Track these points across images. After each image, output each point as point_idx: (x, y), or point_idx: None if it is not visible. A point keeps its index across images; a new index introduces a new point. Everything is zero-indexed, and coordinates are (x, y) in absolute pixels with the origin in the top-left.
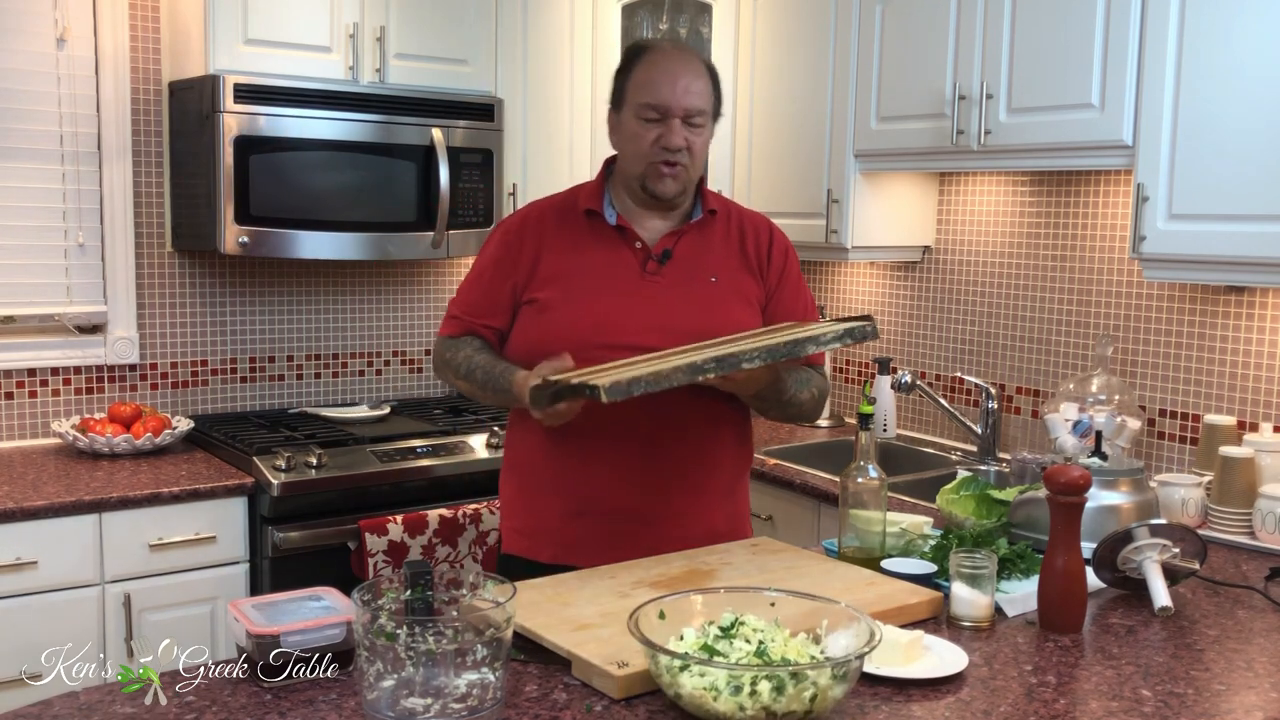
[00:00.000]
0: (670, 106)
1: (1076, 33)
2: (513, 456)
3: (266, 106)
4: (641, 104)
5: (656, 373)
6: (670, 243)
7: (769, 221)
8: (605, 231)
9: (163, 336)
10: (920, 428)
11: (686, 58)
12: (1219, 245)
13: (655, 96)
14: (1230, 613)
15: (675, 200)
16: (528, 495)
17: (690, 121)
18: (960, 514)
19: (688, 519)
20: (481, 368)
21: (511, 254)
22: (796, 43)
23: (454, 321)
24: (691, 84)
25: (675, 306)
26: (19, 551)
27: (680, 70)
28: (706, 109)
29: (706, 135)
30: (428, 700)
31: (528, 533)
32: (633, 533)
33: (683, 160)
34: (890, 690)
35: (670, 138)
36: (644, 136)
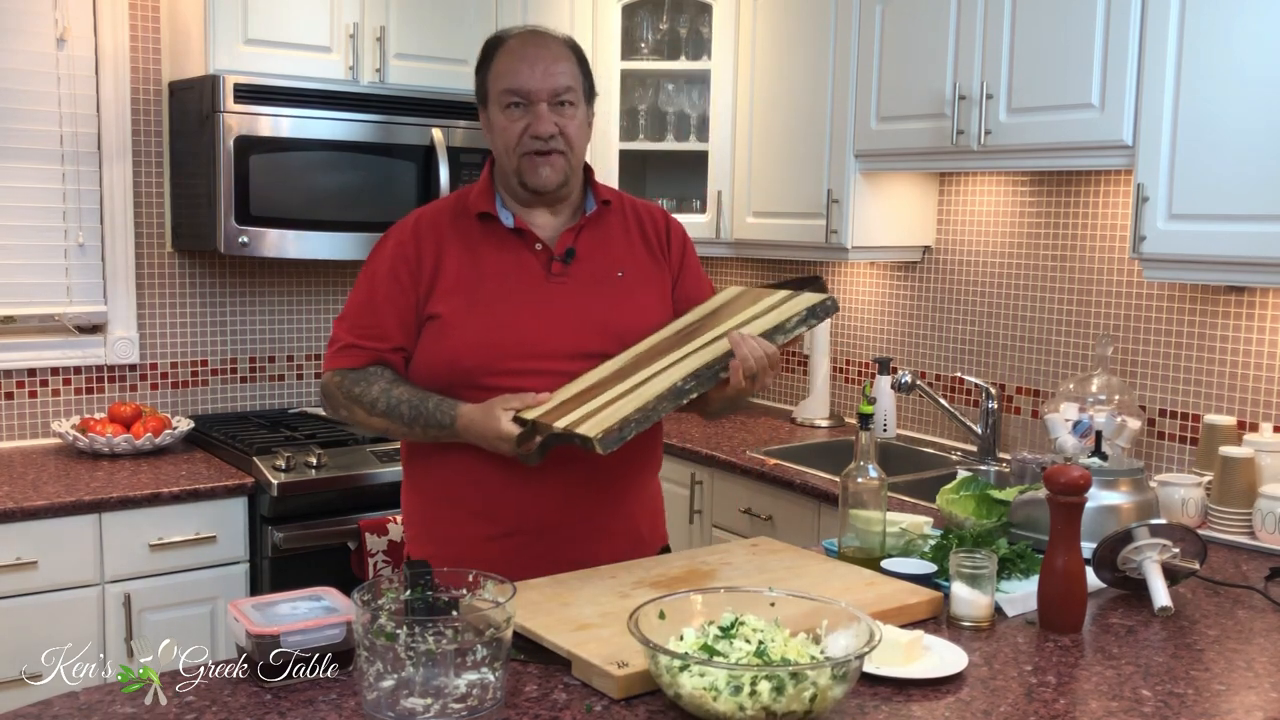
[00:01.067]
0: (532, 90)
1: (1076, 33)
2: (416, 476)
3: (266, 106)
4: (502, 91)
5: (643, 408)
6: (570, 240)
7: (663, 209)
8: (502, 235)
9: (163, 336)
10: (920, 428)
11: (543, 40)
12: (1219, 245)
13: (515, 82)
14: (1230, 613)
15: (557, 191)
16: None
17: (558, 103)
18: (960, 514)
19: (614, 530)
20: (407, 402)
21: (409, 265)
22: (796, 43)
23: (353, 352)
24: (552, 65)
25: (586, 307)
26: (19, 551)
27: (538, 54)
28: (574, 86)
29: (581, 118)
30: (428, 700)
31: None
32: (554, 548)
33: (557, 146)
34: (890, 690)
35: (538, 125)
36: (511, 128)
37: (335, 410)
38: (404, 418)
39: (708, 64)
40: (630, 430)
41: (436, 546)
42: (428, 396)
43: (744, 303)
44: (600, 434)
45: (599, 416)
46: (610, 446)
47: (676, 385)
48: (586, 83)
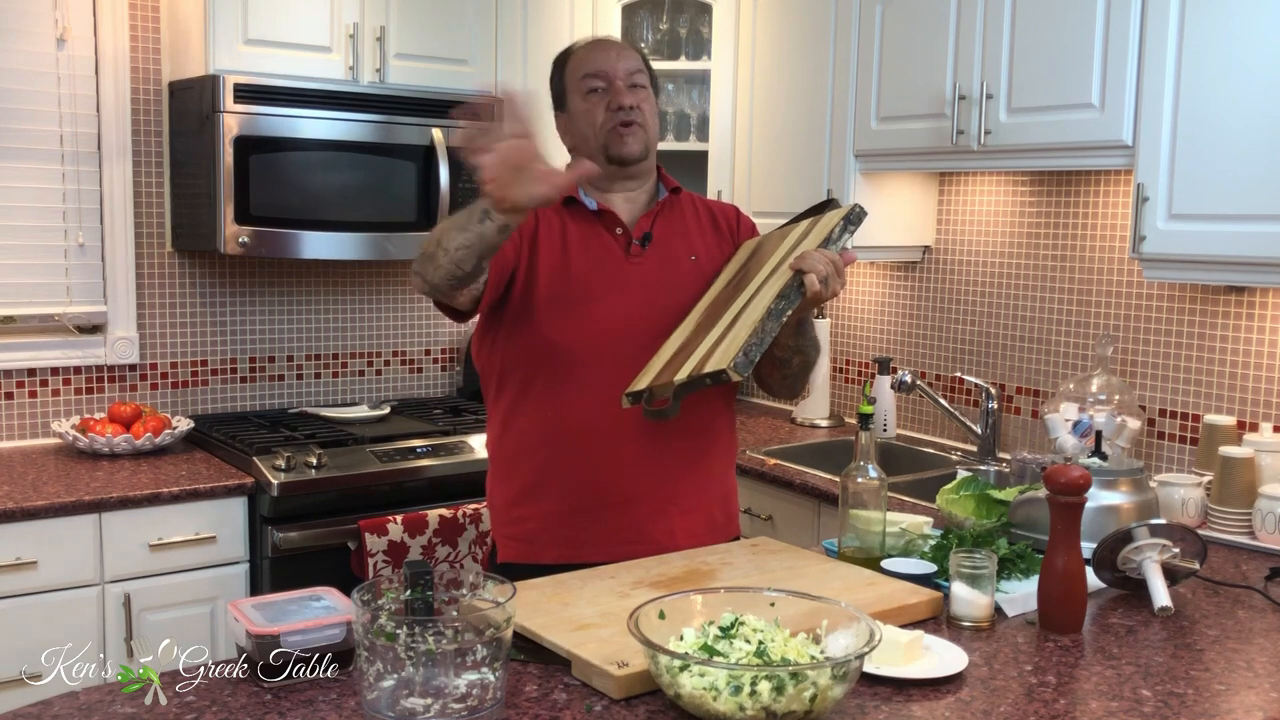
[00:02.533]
0: (610, 70)
1: (1076, 33)
2: (500, 458)
3: (266, 106)
4: (583, 77)
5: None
6: (647, 225)
7: (736, 208)
8: (586, 218)
9: (163, 336)
10: (920, 428)
11: (611, 38)
12: (1219, 245)
13: (593, 66)
14: (1230, 613)
15: (639, 164)
16: (522, 498)
17: (633, 82)
18: (960, 514)
19: (689, 509)
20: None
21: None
22: (796, 43)
23: None
24: (624, 51)
25: (662, 288)
26: (19, 551)
27: (613, 43)
28: (644, 71)
29: (652, 100)
30: (428, 700)
31: (525, 538)
32: (638, 521)
33: (638, 118)
34: (890, 690)
35: (619, 97)
36: (594, 109)
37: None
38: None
39: (708, 64)
40: (755, 352)
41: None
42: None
43: (774, 243)
44: (730, 361)
45: (715, 356)
46: (744, 370)
47: (771, 307)
48: (653, 76)
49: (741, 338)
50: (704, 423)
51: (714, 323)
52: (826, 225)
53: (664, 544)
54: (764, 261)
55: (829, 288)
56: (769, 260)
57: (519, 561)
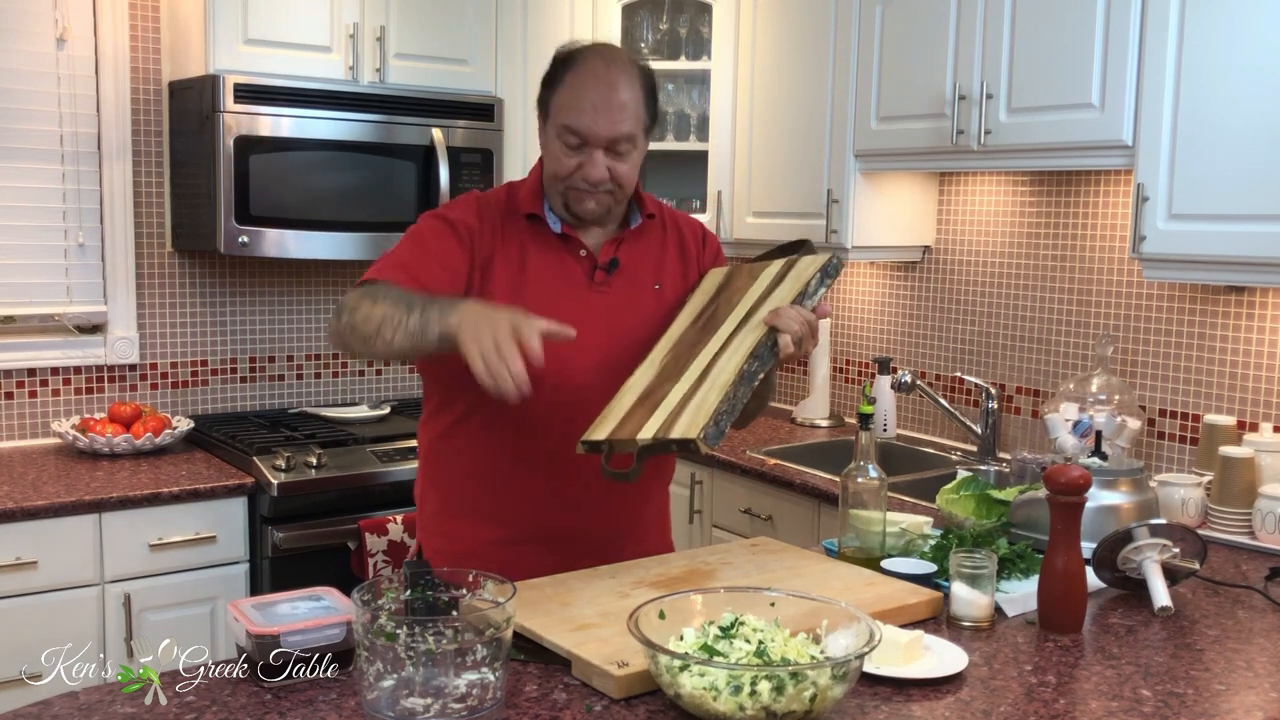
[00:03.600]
0: (591, 135)
1: (1076, 33)
2: (434, 465)
3: (266, 106)
4: (563, 126)
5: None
6: (613, 250)
7: (702, 225)
8: (549, 238)
9: (163, 336)
10: (920, 428)
11: (614, 76)
12: (1219, 245)
13: (578, 122)
14: (1230, 613)
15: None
16: (455, 514)
17: (615, 150)
18: (960, 514)
19: (623, 539)
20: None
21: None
22: (796, 43)
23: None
24: (617, 112)
25: (624, 318)
26: (19, 551)
27: (605, 96)
28: (635, 133)
29: (635, 158)
30: (428, 700)
31: (458, 555)
32: (575, 559)
33: (605, 189)
34: (890, 690)
35: (590, 170)
36: (565, 162)
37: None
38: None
39: (708, 64)
40: (725, 422)
41: (446, 543)
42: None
43: (744, 280)
44: (700, 432)
45: (684, 419)
46: (713, 443)
47: (743, 370)
48: (649, 117)
49: (712, 403)
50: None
51: (680, 369)
52: (802, 275)
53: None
54: (734, 303)
55: (801, 348)
56: (740, 303)
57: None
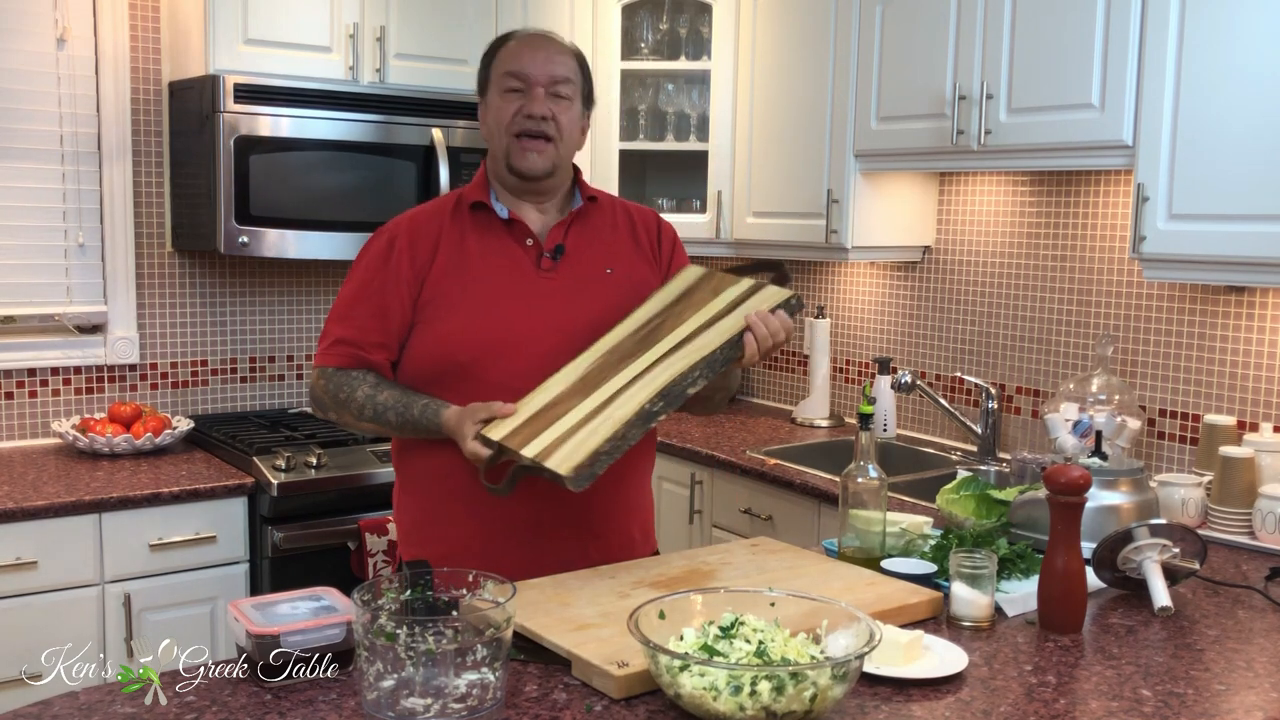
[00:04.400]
0: (531, 75)
1: (1076, 33)
2: (409, 478)
3: (266, 106)
4: (503, 73)
5: (612, 438)
6: (560, 236)
7: (654, 211)
8: (495, 227)
9: (163, 336)
10: (920, 428)
11: (549, 38)
12: (1219, 245)
13: (516, 65)
14: (1230, 613)
15: (543, 180)
16: (432, 518)
17: (554, 91)
18: (960, 514)
19: (605, 530)
20: (393, 408)
21: (402, 257)
22: (796, 43)
23: (340, 349)
24: (554, 55)
25: (574, 303)
26: (19, 551)
27: (542, 44)
28: (572, 79)
29: (575, 112)
30: (428, 700)
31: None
32: (548, 549)
33: (548, 130)
34: (890, 690)
35: (532, 105)
36: (505, 108)
37: (323, 412)
38: (391, 424)
39: (708, 64)
40: (601, 464)
41: (427, 547)
42: (413, 401)
43: (704, 294)
44: (571, 472)
45: (567, 447)
46: (582, 484)
47: (644, 409)
48: (585, 86)
49: (596, 442)
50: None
51: (595, 385)
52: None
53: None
54: (683, 318)
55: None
56: (687, 321)
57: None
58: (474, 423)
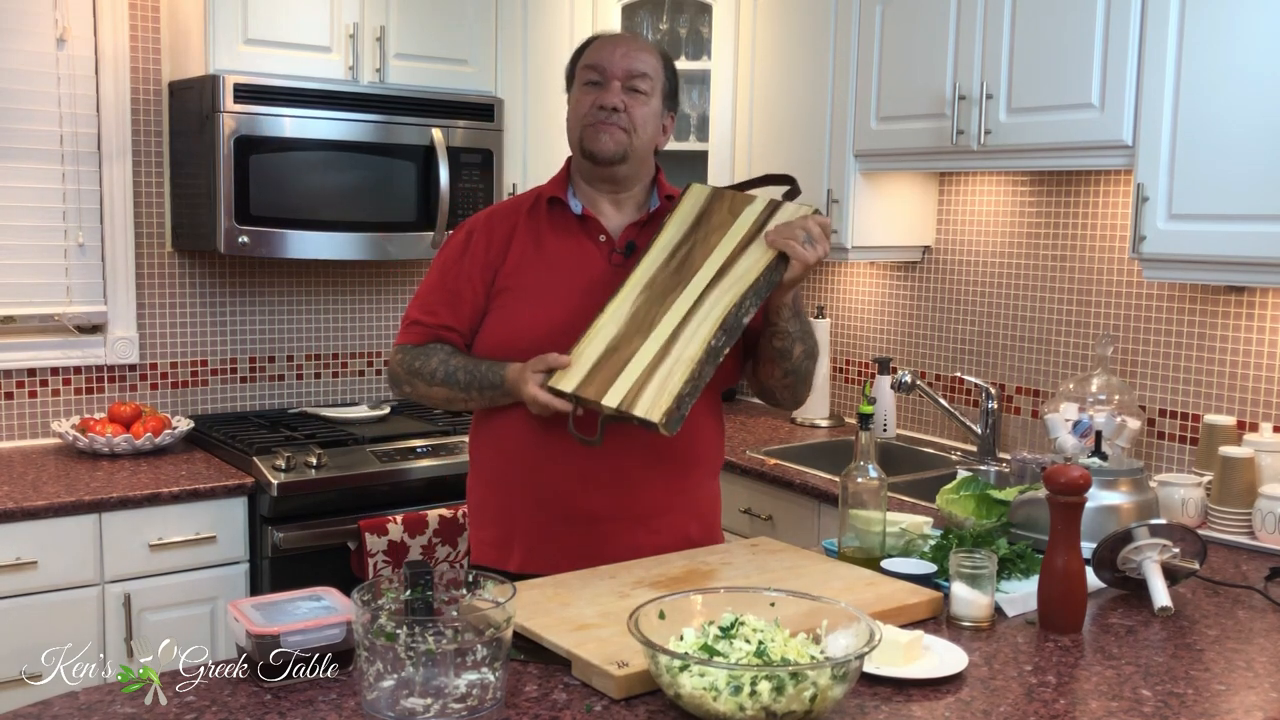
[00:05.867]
0: (608, 68)
1: (1076, 33)
2: (478, 461)
3: (266, 106)
4: (584, 67)
5: (690, 379)
6: (633, 234)
7: None
8: (570, 222)
9: (163, 336)
10: (920, 428)
11: (634, 36)
12: (1219, 245)
13: (597, 58)
14: (1230, 613)
15: (615, 165)
16: (495, 500)
17: (631, 86)
18: (960, 514)
19: (661, 525)
20: (463, 368)
21: (478, 249)
22: (796, 43)
23: (415, 329)
24: (634, 51)
25: None
26: (19, 551)
27: (626, 40)
28: (649, 74)
29: (652, 107)
30: (428, 700)
31: (495, 542)
32: (603, 538)
33: (619, 122)
34: (890, 690)
35: (605, 96)
36: (583, 100)
37: (399, 387)
38: (460, 383)
39: (708, 64)
40: (686, 406)
41: (485, 529)
42: (480, 361)
43: (723, 215)
44: (663, 417)
45: (649, 391)
46: (674, 428)
47: (711, 345)
48: (668, 85)
49: (676, 383)
50: (686, 439)
51: (651, 323)
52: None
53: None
54: (710, 244)
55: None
56: (716, 248)
57: (488, 565)
58: (534, 373)
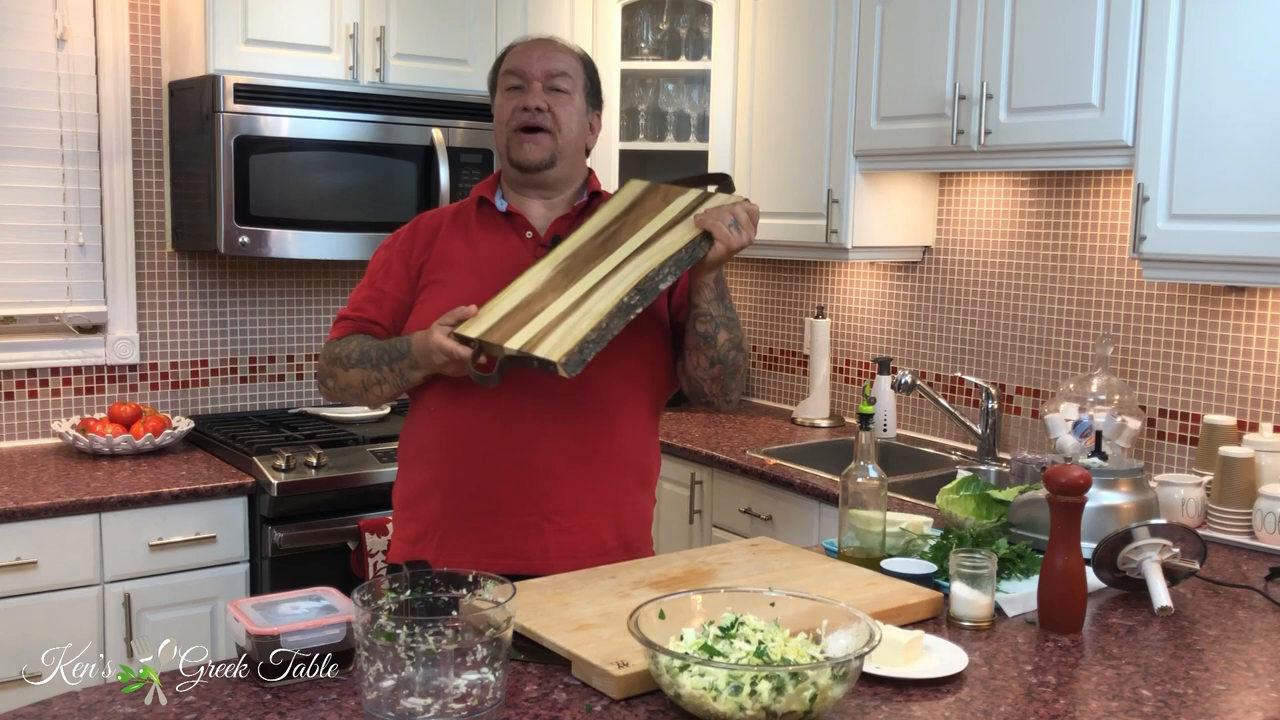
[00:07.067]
0: (527, 70)
1: (1076, 33)
2: (401, 461)
3: (266, 106)
4: (505, 73)
5: (597, 327)
6: (560, 228)
7: None
8: (497, 220)
9: (163, 336)
10: (920, 428)
11: (553, 39)
12: (1219, 245)
13: (515, 63)
14: (1230, 613)
15: (543, 172)
16: (412, 499)
17: (551, 85)
18: (960, 514)
19: (570, 524)
20: (375, 347)
21: (404, 249)
22: (796, 43)
23: (343, 323)
24: (551, 52)
25: None
26: (19, 551)
27: (542, 43)
28: (569, 72)
29: (575, 105)
30: (428, 700)
31: (410, 539)
32: (511, 539)
33: (544, 123)
34: (890, 690)
35: (527, 98)
36: (506, 106)
37: (323, 382)
38: (372, 360)
39: (708, 64)
40: (590, 351)
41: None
42: (391, 338)
43: (656, 202)
44: (563, 357)
45: (553, 337)
46: (574, 369)
47: (623, 301)
48: (589, 84)
49: (583, 330)
50: (597, 435)
51: (567, 284)
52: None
53: (534, 561)
54: (639, 225)
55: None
56: (645, 227)
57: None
58: (441, 325)
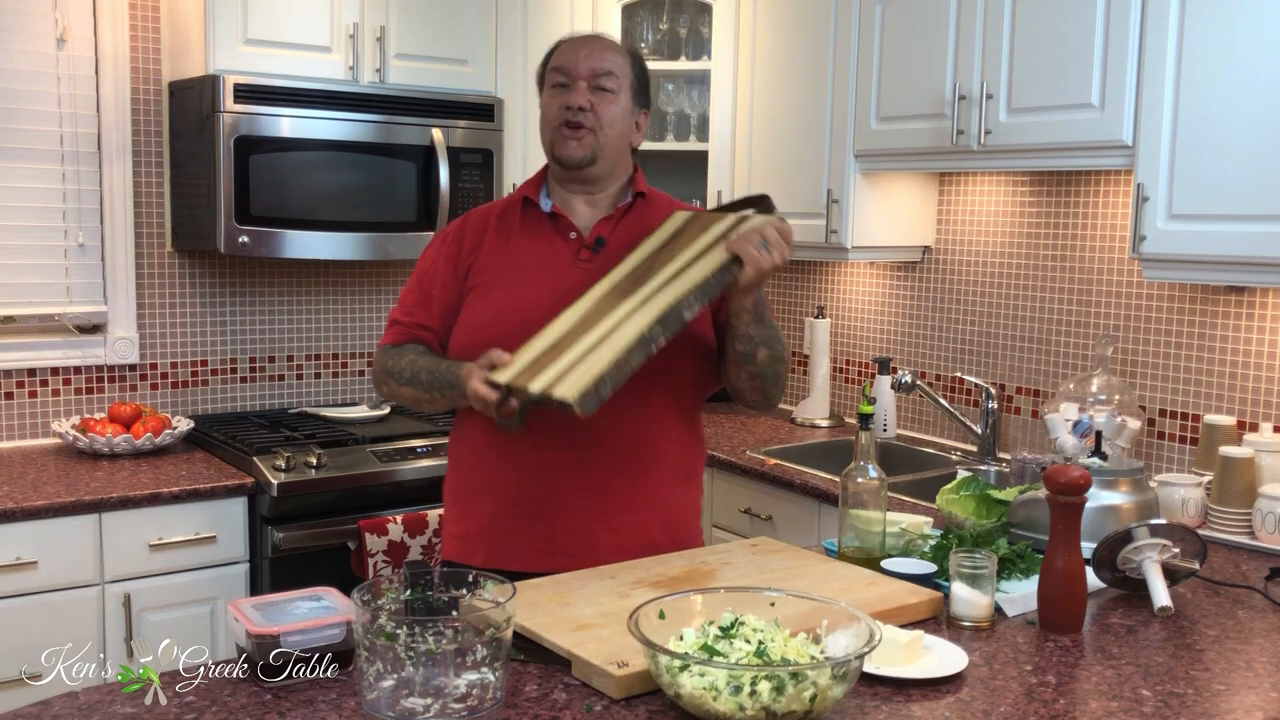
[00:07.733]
0: (573, 69)
1: (1076, 33)
2: (452, 459)
3: (266, 106)
4: (551, 70)
5: (615, 363)
6: (604, 230)
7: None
8: (540, 220)
9: (163, 336)
10: (920, 428)
11: (600, 37)
12: (1219, 245)
13: (562, 60)
14: (1230, 613)
15: (586, 169)
16: (464, 496)
17: (596, 84)
18: (960, 514)
19: (618, 527)
20: (426, 369)
21: (451, 251)
22: (796, 43)
23: (395, 328)
24: (598, 50)
25: None
26: (19, 551)
27: (590, 41)
28: (615, 72)
29: (620, 105)
30: (428, 700)
31: (462, 536)
32: (563, 539)
33: (586, 122)
34: (890, 690)
35: (570, 97)
36: (551, 104)
37: (378, 387)
38: (424, 384)
39: (708, 64)
40: (607, 388)
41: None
42: (443, 361)
43: (693, 232)
44: (578, 396)
45: (572, 377)
46: (590, 408)
47: (643, 335)
48: (637, 82)
49: (600, 368)
50: (644, 436)
51: (599, 319)
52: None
53: (584, 561)
54: (674, 255)
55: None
56: (678, 256)
57: (456, 560)
58: (479, 369)
